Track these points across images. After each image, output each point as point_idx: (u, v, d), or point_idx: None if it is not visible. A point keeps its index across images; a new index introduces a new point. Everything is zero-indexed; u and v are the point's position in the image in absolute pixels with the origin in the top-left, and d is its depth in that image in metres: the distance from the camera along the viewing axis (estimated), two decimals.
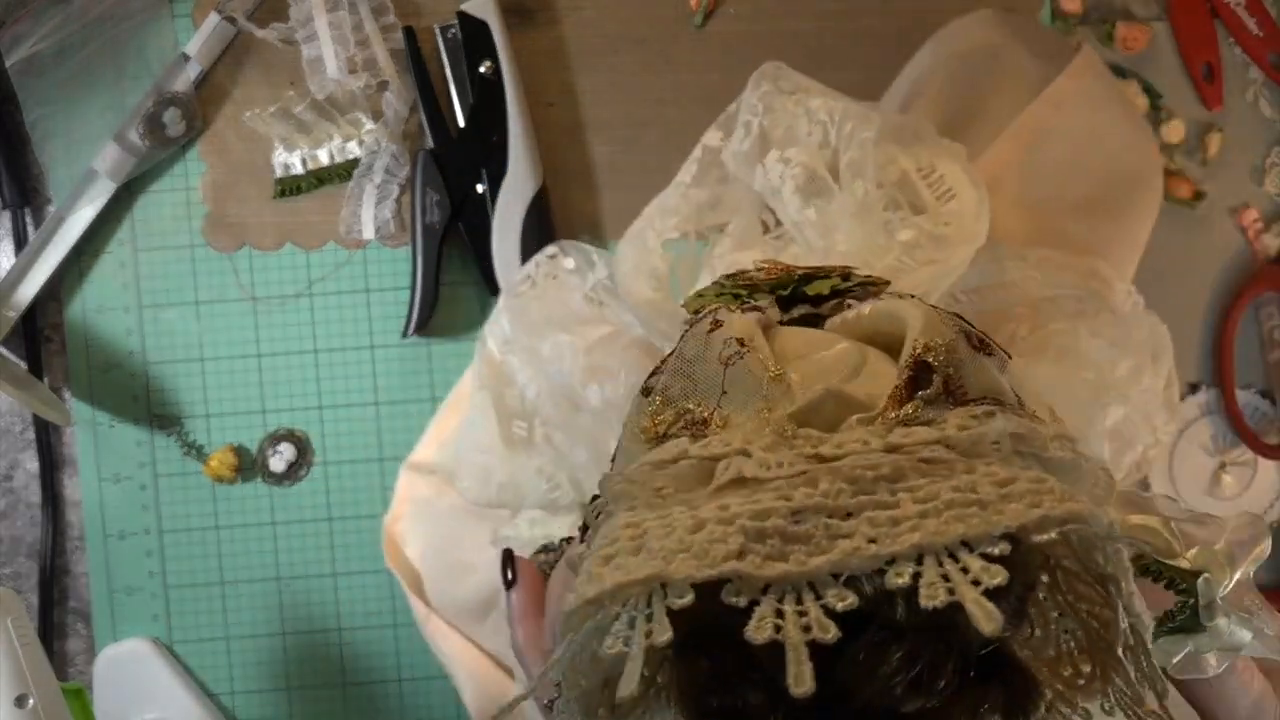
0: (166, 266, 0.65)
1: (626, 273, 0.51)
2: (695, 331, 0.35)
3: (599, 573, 0.27)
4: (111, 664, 0.66)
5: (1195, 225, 0.67)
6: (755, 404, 0.31)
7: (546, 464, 0.56)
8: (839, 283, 0.38)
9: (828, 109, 0.50)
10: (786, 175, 0.49)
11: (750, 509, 0.27)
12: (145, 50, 0.64)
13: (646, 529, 0.28)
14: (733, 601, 0.26)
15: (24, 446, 0.67)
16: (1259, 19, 0.66)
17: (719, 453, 0.30)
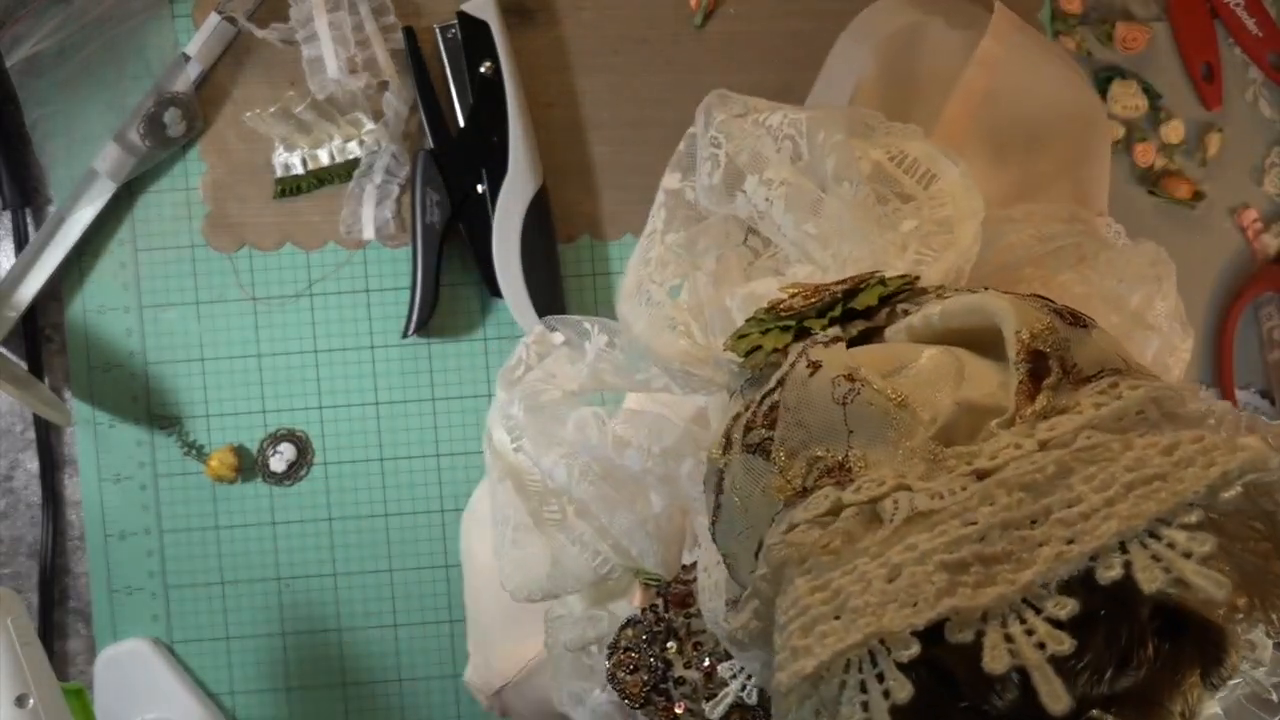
0: (167, 266, 0.65)
1: (644, 331, 0.50)
2: (795, 377, 0.34)
3: (805, 645, 0.27)
4: (111, 664, 0.66)
5: (1195, 225, 0.67)
6: (889, 436, 0.31)
7: (587, 539, 0.55)
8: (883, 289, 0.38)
9: (790, 122, 0.49)
10: (773, 196, 0.49)
11: (941, 542, 0.27)
12: (145, 50, 0.64)
13: (838, 588, 0.27)
14: (958, 639, 0.25)
15: (24, 446, 0.67)
16: (1258, 19, 0.66)
17: (877, 494, 0.29)
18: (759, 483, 0.34)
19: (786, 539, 0.30)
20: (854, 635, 0.26)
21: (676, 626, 0.49)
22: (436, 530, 0.67)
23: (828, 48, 0.65)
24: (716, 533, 0.37)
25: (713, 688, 0.47)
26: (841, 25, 0.65)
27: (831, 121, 0.49)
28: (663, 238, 0.53)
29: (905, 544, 0.27)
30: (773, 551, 0.30)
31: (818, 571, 0.29)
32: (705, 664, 0.47)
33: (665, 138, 0.65)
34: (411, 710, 0.67)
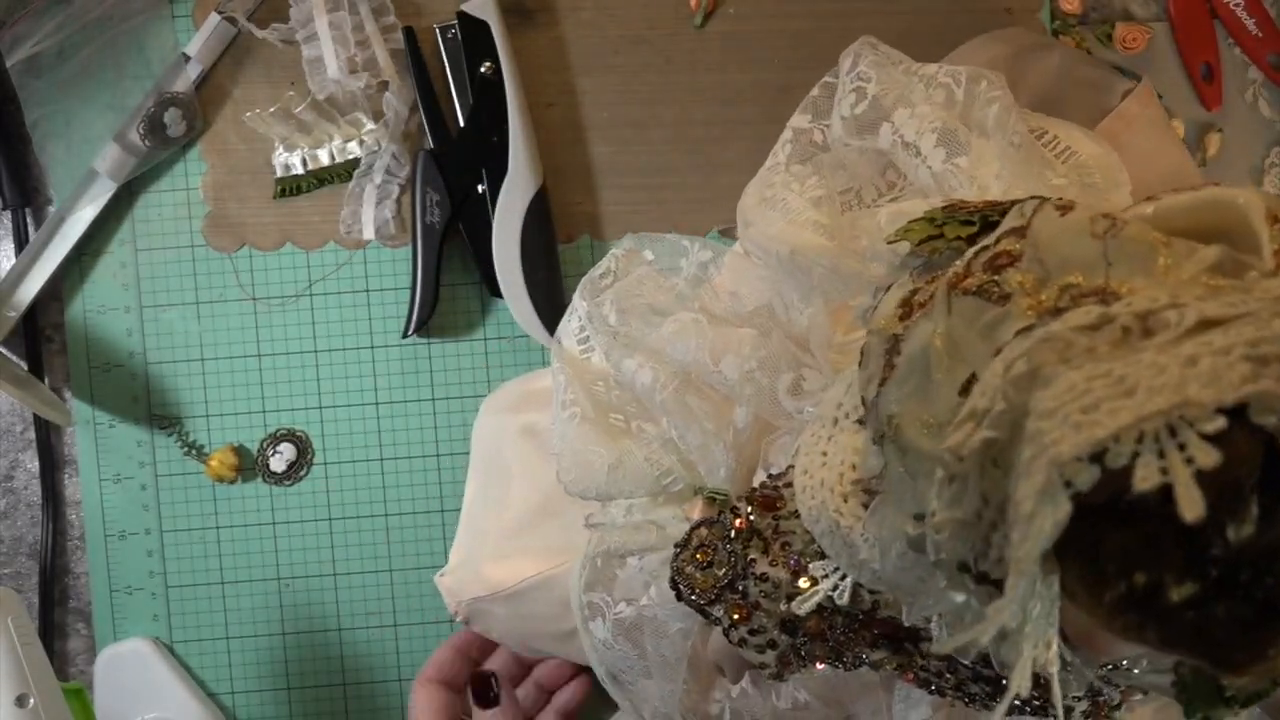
0: (167, 266, 0.65)
1: (782, 230, 0.49)
2: (1042, 217, 0.32)
3: (1091, 419, 0.25)
4: (111, 664, 0.66)
5: None
6: (1155, 269, 0.30)
7: (655, 448, 0.55)
8: (1064, 203, 0.37)
9: (948, 72, 0.49)
10: (924, 129, 0.48)
11: (1241, 339, 0.26)
12: (145, 50, 0.64)
13: (1124, 374, 0.26)
14: (1263, 421, 0.24)
15: (24, 446, 0.67)
16: (1258, 19, 0.66)
17: (1153, 307, 0.28)
18: (978, 320, 0.32)
19: (1052, 341, 0.28)
20: (1154, 404, 0.25)
21: (761, 527, 0.48)
22: (436, 530, 0.67)
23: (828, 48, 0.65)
24: (880, 396, 0.36)
25: (797, 587, 0.46)
26: (841, 25, 0.65)
27: (993, 79, 0.49)
28: (788, 168, 0.53)
29: (1199, 340, 0.26)
30: (1035, 351, 0.28)
31: (1095, 363, 0.27)
32: (793, 562, 0.46)
33: (665, 138, 0.66)
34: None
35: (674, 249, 0.60)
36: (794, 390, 0.51)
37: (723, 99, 0.65)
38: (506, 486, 0.62)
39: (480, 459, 0.64)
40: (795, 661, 0.47)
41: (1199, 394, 0.25)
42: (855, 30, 0.65)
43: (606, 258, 0.60)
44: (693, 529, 0.49)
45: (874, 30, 0.65)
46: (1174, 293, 0.28)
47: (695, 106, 0.66)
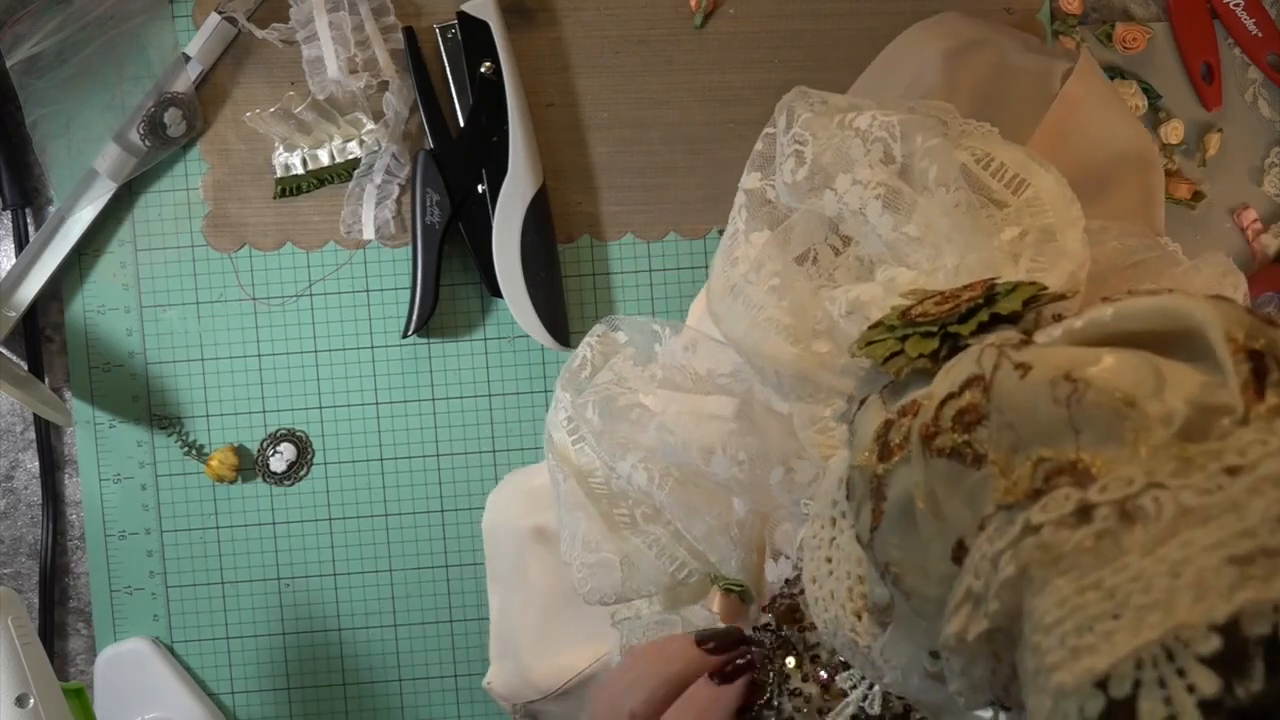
0: (167, 266, 0.65)
1: (746, 333, 0.49)
2: (1002, 380, 0.32)
3: (1088, 644, 0.26)
4: (112, 664, 0.66)
5: (1195, 225, 0.67)
6: (1125, 436, 0.30)
7: (664, 543, 0.55)
8: (1026, 294, 0.37)
9: (882, 125, 0.48)
10: (868, 197, 0.47)
11: (1221, 536, 0.26)
12: (145, 50, 0.64)
13: (1113, 586, 0.27)
14: (1255, 632, 0.25)
15: (24, 446, 0.67)
16: (1258, 19, 0.66)
17: (1130, 493, 0.28)
18: (958, 488, 0.33)
19: (1037, 541, 0.29)
20: (1148, 632, 0.25)
21: (794, 640, 0.48)
22: (436, 530, 0.67)
23: (828, 48, 0.65)
24: (875, 541, 0.36)
25: (829, 699, 0.47)
26: (841, 25, 0.65)
27: (926, 126, 0.48)
28: (747, 237, 0.52)
29: (1179, 540, 0.27)
30: (1020, 552, 0.29)
31: (1080, 571, 0.28)
32: (822, 675, 0.47)
33: (665, 138, 0.66)
34: (411, 710, 0.67)
35: (646, 331, 0.60)
36: (787, 484, 0.51)
37: (723, 99, 0.65)
38: (529, 589, 0.63)
39: (498, 566, 0.65)
40: None
41: (1189, 615, 0.25)
42: (855, 30, 0.65)
43: (581, 346, 0.60)
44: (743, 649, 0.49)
45: (874, 30, 0.65)
46: (1149, 469, 0.29)
47: (695, 106, 0.66)
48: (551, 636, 0.61)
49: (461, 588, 0.67)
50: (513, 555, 0.63)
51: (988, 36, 0.59)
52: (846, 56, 0.65)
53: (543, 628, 0.62)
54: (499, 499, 0.65)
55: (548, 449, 0.60)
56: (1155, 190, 0.60)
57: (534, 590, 0.62)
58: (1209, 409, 0.29)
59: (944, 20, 0.61)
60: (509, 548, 0.64)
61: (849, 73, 0.64)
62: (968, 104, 0.56)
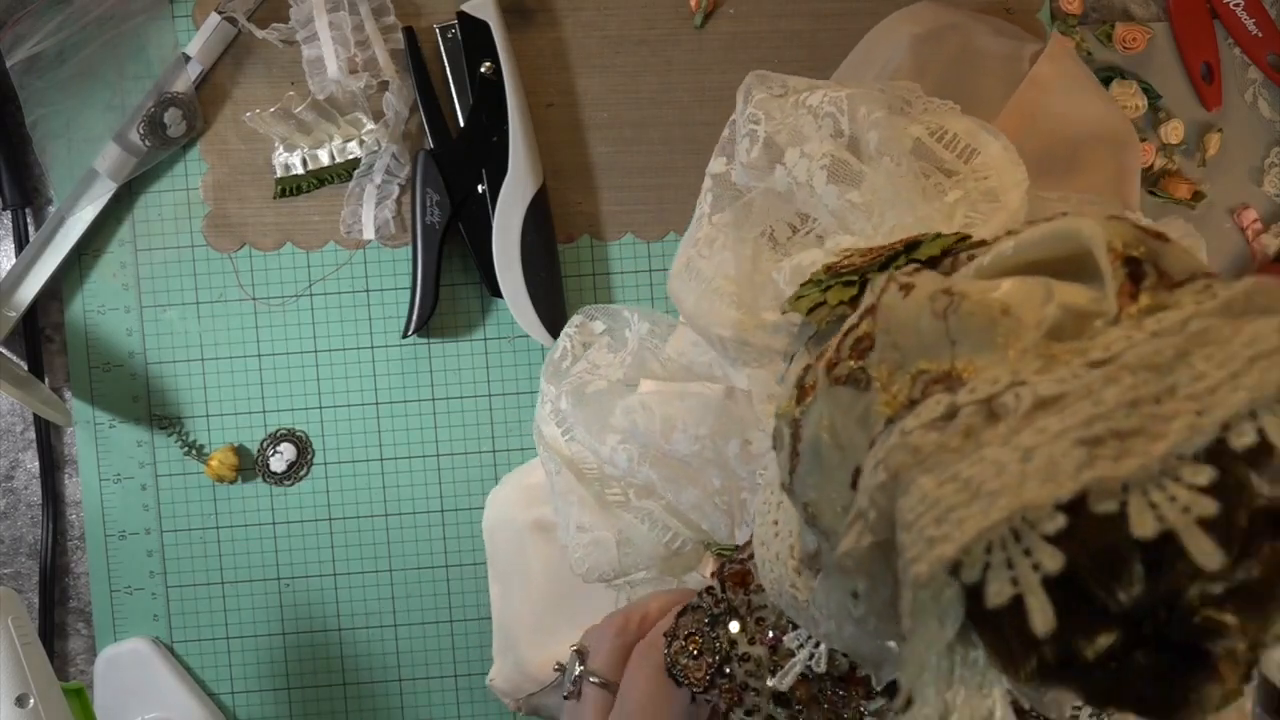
0: (167, 266, 0.65)
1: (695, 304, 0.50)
2: (886, 302, 0.34)
3: (941, 533, 0.26)
4: (112, 664, 0.66)
5: (1195, 225, 0.67)
6: (996, 341, 0.30)
7: (656, 516, 0.56)
8: (944, 241, 0.38)
9: (830, 100, 0.50)
10: (814, 169, 0.49)
11: (1073, 421, 0.27)
12: (145, 50, 0.64)
13: (969, 477, 0.27)
14: (1103, 509, 0.25)
15: (24, 446, 0.67)
16: (1258, 19, 0.66)
17: (994, 391, 0.29)
18: (853, 412, 0.33)
19: (905, 443, 0.29)
20: (995, 513, 0.26)
21: (737, 604, 0.49)
22: (436, 530, 0.67)
23: (828, 48, 0.65)
24: (795, 483, 0.37)
25: (777, 659, 0.47)
26: (841, 25, 0.65)
27: (872, 98, 0.49)
28: (710, 219, 0.53)
29: (1034, 428, 0.27)
30: (890, 458, 0.30)
31: (942, 467, 0.28)
32: (769, 636, 0.48)
33: (665, 138, 0.66)
34: (411, 710, 0.67)
35: (619, 318, 0.61)
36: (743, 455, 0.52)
37: (723, 99, 0.65)
38: (529, 581, 0.63)
39: (499, 561, 0.65)
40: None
41: (1036, 494, 0.25)
42: (855, 30, 0.65)
43: (561, 338, 0.62)
44: (677, 617, 0.50)
45: None
46: (1015, 368, 0.29)
47: (695, 106, 0.66)
48: (549, 627, 0.62)
49: (461, 588, 0.67)
50: (513, 550, 0.64)
51: (958, 21, 0.60)
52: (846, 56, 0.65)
53: (541, 619, 0.62)
54: (499, 497, 0.65)
55: (538, 443, 0.60)
56: (1129, 169, 0.60)
57: (533, 582, 0.63)
58: (1083, 313, 0.30)
59: (919, 8, 0.62)
60: (509, 543, 0.64)
61: None
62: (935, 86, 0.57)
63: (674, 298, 0.53)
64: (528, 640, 0.62)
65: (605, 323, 0.62)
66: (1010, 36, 0.60)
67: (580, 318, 0.62)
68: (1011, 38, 0.60)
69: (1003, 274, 0.34)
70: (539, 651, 0.61)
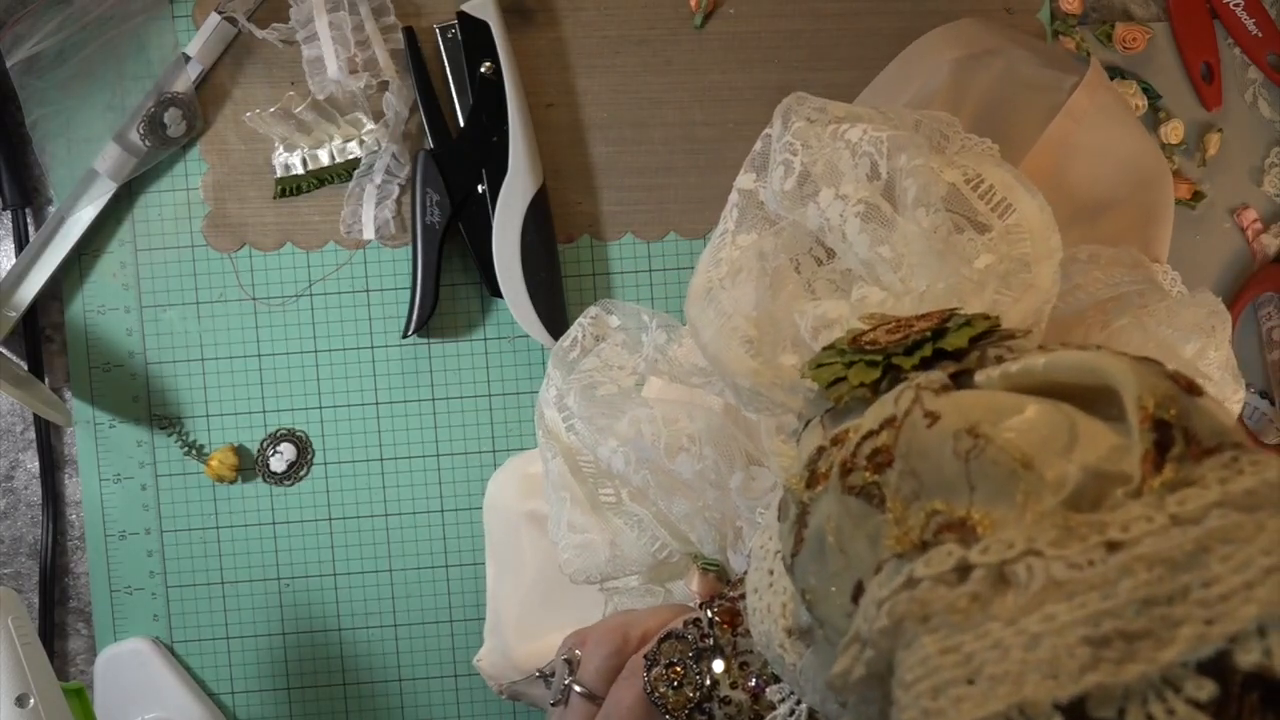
0: (167, 266, 0.65)
1: (713, 340, 0.49)
2: (910, 425, 0.33)
3: (937, 707, 0.26)
4: (112, 664, 0.66)
5: (1194, 225, 0.67)
6: (1015, 498, 0.30)
7: (646, 523, 0.56)
8: (971, 331, 0.37)
9: (871, 140, 0.48)
10: (848, 213, 0.47)
11: (1082, 615, 0.26)
12: (145, 50, 0.64)
13: (971, 653, 0.27)
14: (1101, 715, 0.25)
15: (24, 446, 0.67)
16: (1258, 19, 0.66)
17: (1008, 557, 0.29)
18: (863, 527, 0.33)
19: (913, 595, 0.29)
20: (994, 704, 0.26)
21: (723, 644, 0.49)
22: (436, 530, 0.67)
23: (828, 48, 0.65)
24: (796, 566, 0.37)
25: (759, 709, 0.47)
26: (841, 25, 0.65)
27: (913, 144, 0.48)
28: (734, 239, 0.52)
29: (1043, 613, 0.27)
30: (896, 606, 0.30)
31: (946, 632, 0.28)
32: (752, 684, 0.48)
33: (665, 138, 0.66)
34: (411, 710, 0.67)
35: (637, 319, 0.61)
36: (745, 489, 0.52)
37: (723, 99, 0.65)
38: (522, 570, 0.63)
39: (495, 544, 0.65)
40: None
41: (1036, 691, 0.25)
42: (855, 30, 0.65)
43: (574, 325, 0.61)
44: (660, 641, 0.50)
45: (874, 30, 0.65)
46: (1030, 534, 0.29)
47: (695, 106, 0.66)
48: (536, 619, 0.62)
49: (461, 588, 0.67)
50: (507, 536, 0.64)
51: (1001, 46, 0.59)
52: (846, 56, 0.65)
53: (529, 610, 0.62)
54: (499, 479, 0.65)
55: (538, 425, 0.60)
56: (1159, 210, 0.59)
57: (523, 573, 0.63)
58: (1105, 476, 0.30)
59: (962, 27, 0.61)
60: (504, 528, 0.64)
61: (849, 73, 0.64)
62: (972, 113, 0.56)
63: (691, 324, 0.51)
64: (515, 629, 0.62)
65: (621, 319, 0.61)
66: (1052, 66, 0.58)
67: (597, 310, 0.61)
68: (1053, 67, 0.58)
69: (1029, 389, 0.33)
70: (525, 642, 0.61)
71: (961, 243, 0.46)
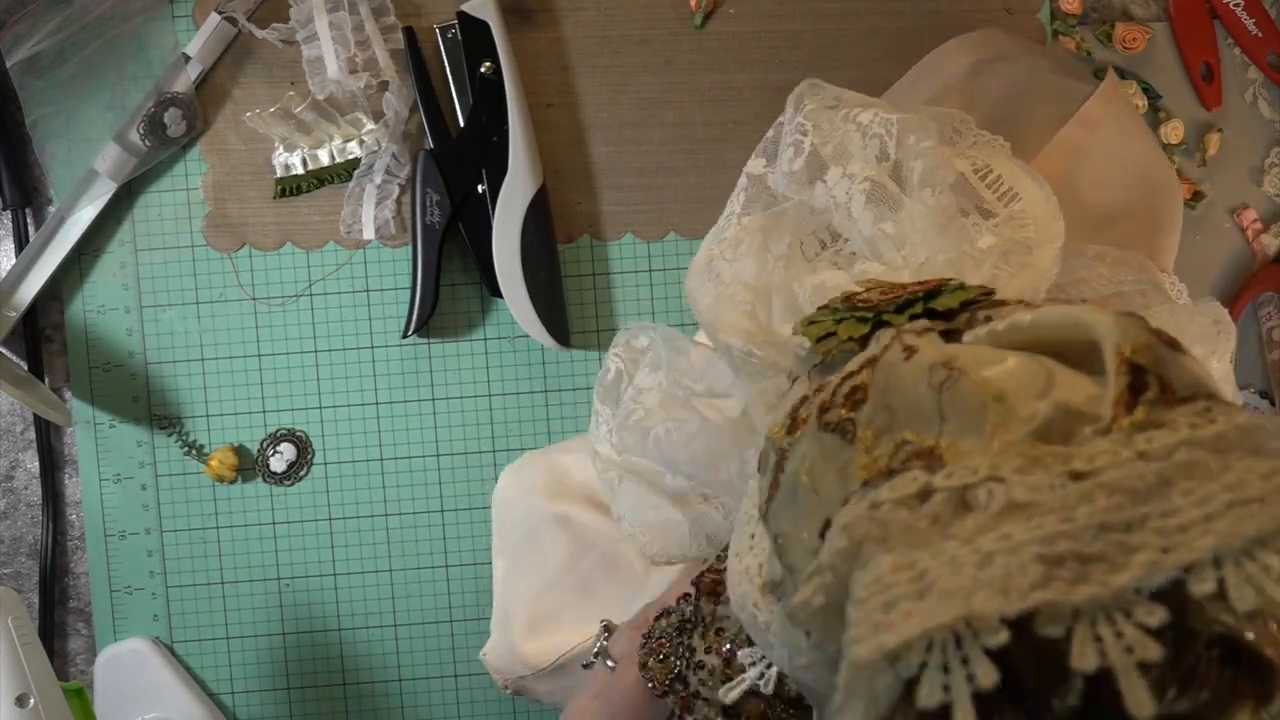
0: (167, 266, 0.65)
1: (710, 308, 0.50)
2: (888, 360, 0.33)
3: (887, 620, 0.26)
4: (111, 664, 0.66)
5: (1195, 225, 0.67)
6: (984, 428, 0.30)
7: (727, 510, 0.56)
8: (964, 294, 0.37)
9: (881, 121, 0.49)
10: (854, 191, 0.48)
11: (1038, 535, 0.26)
12: (145, 50, 0.64)
13: (925, 569, 0.27)
14: (1047, 633, 0.25)
15: (24, 446, 0.67)
16: (1258, 20, 0.66)
17: (971, 481, 0.29)
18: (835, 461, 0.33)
19: (872, 515, 0.29)
20: (942, 615, 0.26)
21: (705, 614, 0.49)
22: (436, 530, 0.67)
23: (828, 48, 0.65)
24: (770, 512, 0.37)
25: (730, 673, 0.47)
26: (841, 25, 0.65)
27: (923, 126, 0.48)
28: (739, 220, 0.53)
29: (999, 533, 0.27)
30: (855, 527, 0.30)
31: (903, 550, 0.28)
32: (725, 649, 0.48)
33: (665, 138, 0.66)
34: (411, 710, 0.67)
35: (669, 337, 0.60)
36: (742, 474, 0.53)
37: (723, 99, 0.65)
38: (540, 568, 0.63)
39: (510, 537, 0.65)
40: None
41: (984, 605, 0.25)
42: (855, 30, 0.65)
43: (609, 359, 0.59)
44: (655, 620, 0.51)
45: (873, 30, 0.65)
46: (995, 461, 0.29)
47: (695, 106, 0.66)
48: (550, 618, 0.62)
49: (461, 588, 0.67)
50: (527, 533, 0.64)
51: (1018, 54, 0.59)
52: (846, 56, 0.65)
53: (543, 609, 0.62)
54: (520, 475, 0.65)
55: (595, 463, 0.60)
56: (1167, 219, 0.59)
57: (543, 573, 0.63)
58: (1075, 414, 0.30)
59: (985, 35, 0.62)
60: (524, 524, 0.64)
61: (849, 72, 0.64)
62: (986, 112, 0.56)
63: (689, 296, 0.52)
64: (525, 626, 0.62)
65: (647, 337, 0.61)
66: (1069, 75, 0.59)
67: (624, 337, 0.60)
68: (1070, 76, 0.59)
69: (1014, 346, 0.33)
70: (534, 640, 0.61)
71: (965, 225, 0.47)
